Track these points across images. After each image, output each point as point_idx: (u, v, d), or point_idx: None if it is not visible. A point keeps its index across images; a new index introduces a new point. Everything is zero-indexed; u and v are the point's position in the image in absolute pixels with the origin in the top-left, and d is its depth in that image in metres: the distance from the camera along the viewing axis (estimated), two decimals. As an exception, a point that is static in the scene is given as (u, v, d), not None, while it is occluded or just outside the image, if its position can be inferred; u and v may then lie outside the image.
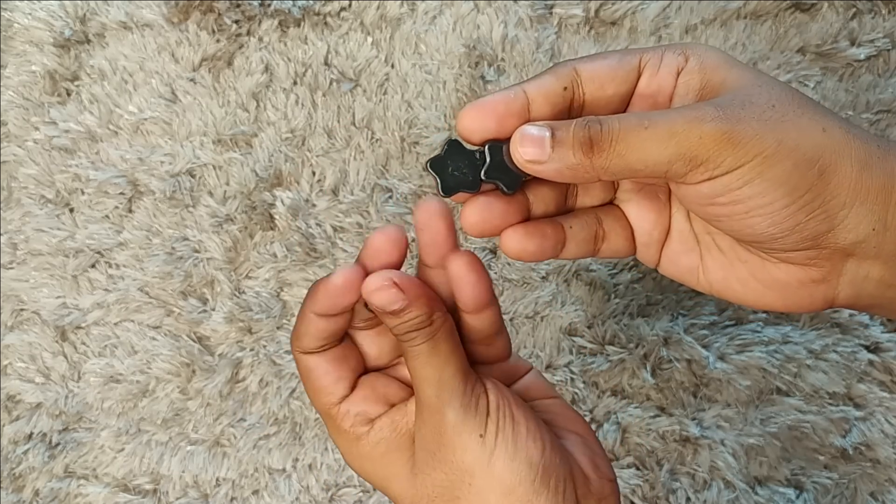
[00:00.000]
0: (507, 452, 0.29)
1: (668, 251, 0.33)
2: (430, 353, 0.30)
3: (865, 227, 0.27)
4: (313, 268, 0.56)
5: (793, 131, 0.27)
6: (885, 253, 0.28)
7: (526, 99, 0.29)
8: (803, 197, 0.27)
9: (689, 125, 0.26)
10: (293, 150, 0.56)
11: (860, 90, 0.55)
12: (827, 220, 0.27)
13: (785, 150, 0.26)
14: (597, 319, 0.55)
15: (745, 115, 0.26)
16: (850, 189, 0.27)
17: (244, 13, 0.57)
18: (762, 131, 0.26)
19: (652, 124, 0.26)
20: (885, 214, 0.27)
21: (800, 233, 0.27)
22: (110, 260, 0.57)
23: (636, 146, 0.27)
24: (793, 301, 0.30)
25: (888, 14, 0.56)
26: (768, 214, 0.27)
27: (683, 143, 0.26)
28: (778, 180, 0.26)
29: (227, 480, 0.55)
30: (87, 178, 0.57)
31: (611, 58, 0.29)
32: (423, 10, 0.57)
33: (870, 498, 0.53)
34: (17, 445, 0.56)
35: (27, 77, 0.58)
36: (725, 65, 0.29)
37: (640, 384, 0.54)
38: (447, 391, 0.30)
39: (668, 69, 0.29)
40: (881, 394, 0.53)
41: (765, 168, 0.26)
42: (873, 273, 0.28)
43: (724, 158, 0.26)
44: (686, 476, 0.53)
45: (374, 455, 0.32)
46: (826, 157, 0.27)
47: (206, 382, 0.55)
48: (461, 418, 0.29)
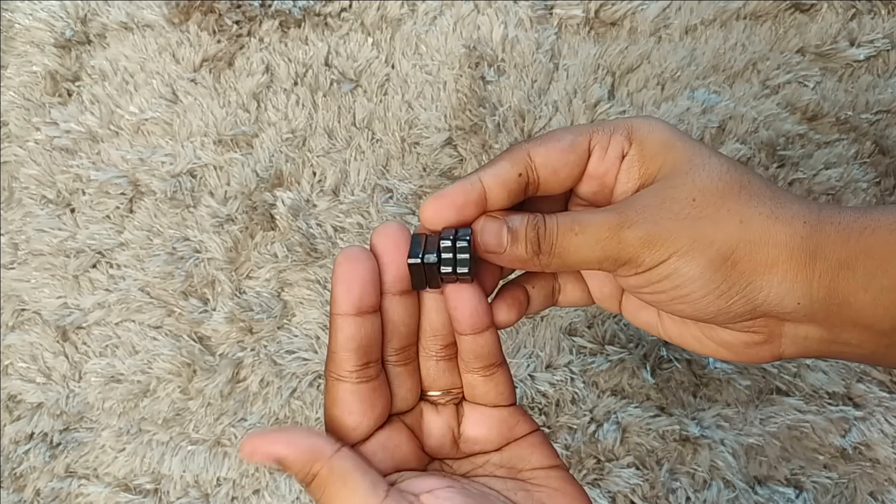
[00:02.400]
0: None
1: (627, 306, 0.36)
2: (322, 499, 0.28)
3: (790, 301, 0.29)
4: (314, 268, 0.56)
5: (708, 227, 0.29)
6: (817, 318, 0.29)
7: (482, 188, 0.31)
8: (719, 287, 0.29)
9: (611, 232, 0.29)
10: (294, 150, 0.56)
11: (860, 90, 0.55)
12: (748, 302, 0.29)
13: (699, 247, 0.29)
14: (597, 319, 0.55)
15: (662, 217, 0.29)
16: (767, 273, 0.29)
17: (245, 14, 0.57)
18: (677, 231, 0.29)
19: (582, 230, 0.30)
20: (810, 289, 0.29)
21: (725, 314, 0.30)
22: (111, 260, 0.57)
23: (571, 249, 0.30)
24: (742, 357, 0.32)
25: (888, 15, 0.56)
26: (690, 302, 0.30)
27: (608, 248, 0.29)
28: (692, 275, 0.29)
29: (228, 480, 0.55)
30: (88, 178, 0.57)
31: (563, 140, 0.32)
32: (424, 10, 0.57)
33: (869, 498, 0.53)
34: (18, 445, 0.56)
35: (28, 77, 0.58)
36: (663, 150, 0.31)
37: (640, 384, 0.54)
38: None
39: (614, 152, 0.32)
40: (881, 394, 0.53)
41: (680, 265, 0.29)
42: (812, 334, 0.30)
43: (644, 258, 0.29)
44: (686, 475, 0.54)
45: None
46: (741, 249, 0.29)
47: (207, 382, 0.55)
48: None
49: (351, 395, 0.30)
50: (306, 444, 0.28)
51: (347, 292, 0.30)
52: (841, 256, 0.28)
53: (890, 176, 0.55)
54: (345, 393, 0.30)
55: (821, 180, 0.55)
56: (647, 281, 0.30)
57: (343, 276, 0.30)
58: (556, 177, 0.32)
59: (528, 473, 0.33)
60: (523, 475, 0.33)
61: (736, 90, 0.56)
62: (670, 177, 0.30)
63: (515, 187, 0.31)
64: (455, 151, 0.56)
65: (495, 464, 0.33)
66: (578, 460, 0.54)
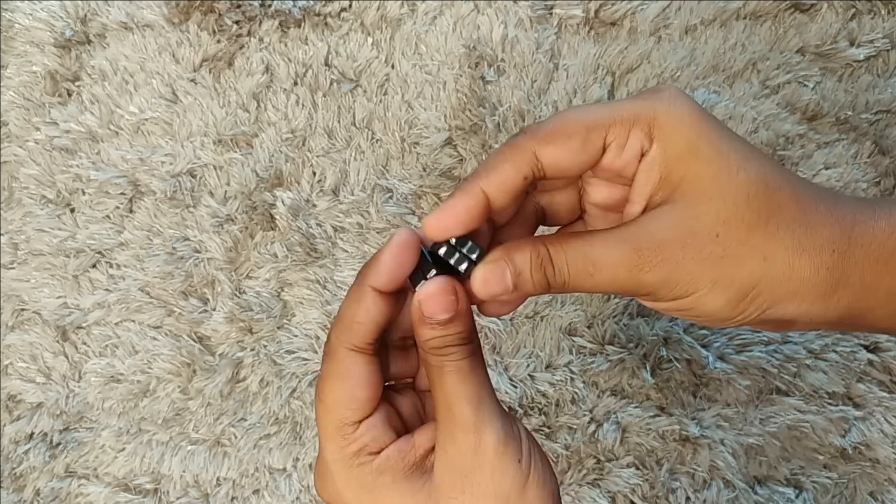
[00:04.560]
0: (538, 482, 0.29)
1: None
2: (470, 369, 0.29)
3: (803, 320, 0.29)
4: (314, 268, 0.56)
5: (730, 266, 0.28)
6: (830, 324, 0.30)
7: (485, 198, 0.29)
8: (737, 318, 0.30)
9: (629, 274, 0.29)
10: (294, 150, 0.56)
11: (859, 90, 0.55)
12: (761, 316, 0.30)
13: (720, 287, 0.29)
14: (596, 319, 0.55)
15: (684, 257, 0.28)
16: (785, 300, 0.29)
17: (245, 14, 0.57)
18: (698, 273, 0.28)
19: (597, 271, 0.29)
20: (825, 312, 0.29)
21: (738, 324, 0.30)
22: (111, 260, 0.57)
23: (585, 287, 0.29)
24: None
25: (887, 15, 0.56)
26: (707, 323, 0.31)
27: (626, 286, 0.29)
28: (711, 310, 0.29)
29: (228, 480, 0.55)
30: (87, 178, 0.57)
31: (574, 138, 0.29)
32: (424, 10, 0.57)
33: (869, 497, 0.53)
34: (18, 445, 0.56)
35: (28, 77, 0.58)
36: (687, 157, 0.29)
37: (640, 384, 0.54)
38: (487, 411, 0.29)
39: (632, 151, 0.30)
40: (880, 393, 0.53)
41: (699, 304, 0.29)
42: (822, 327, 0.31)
43: (664, 295, 0.29)
44: (686, 475, 0.54)
45: (375, 485, 0.30)
46: (762, 285, 0.29)
47: (207, 382, 0.55)
48: (503, 440, 0.29)
49: (368, 367, 0.30)
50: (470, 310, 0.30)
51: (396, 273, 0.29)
52: (866, 280, 0.28)
53: (890, 176, 0.55)
54: (362, 365, 0.30)
55: (821, 180, 0.55)
56: (665, 308, 0.30)
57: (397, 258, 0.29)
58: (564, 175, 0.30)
59: None
60: None
61: (736, 90, 0.56)
62: (693, 200, 0.29)
63: (520, 192, 0.30)
64: (455, 151, 0.56)
65: None
66: (578, 460, 0.54)
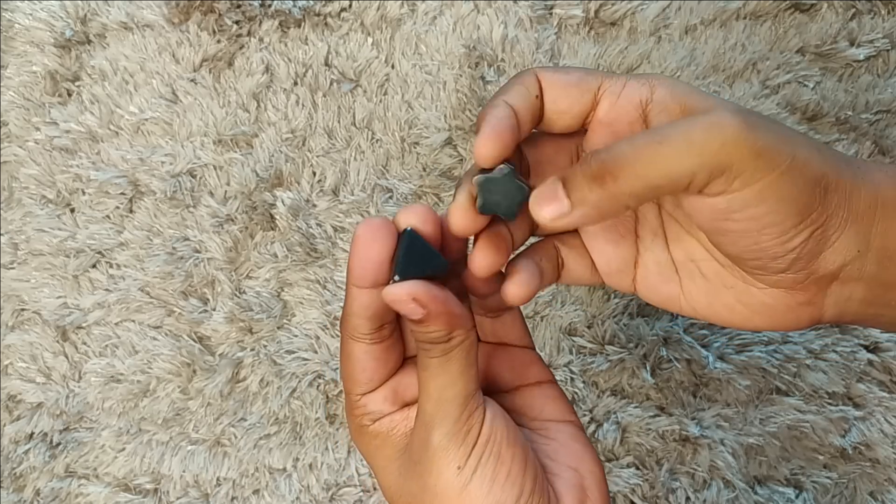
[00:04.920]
0: (482, 491, 0.28)
1: (646, 282, 0.33)
2: (439, 368, 0.29)
3: (852, 248, 0.28)
4: (314, 268, 0.56)
5: (802, 147, 0.27)
6: (866, 275, 0.28)
7: (513, 111, 0.28)
8: (811, 216, 0.27)
9: (707, 133, 0.25)
10: (294, 150, 0.56)
11: (860, 90, 0.55)
12: (823, 240, 0.27)
13: (797, 166, 0.26)
14: (596, 319, 0.55)
15: (760, 123, 0.26)
16: (845, 209, 0.27)
17: (245, 14, 0.57)
18: (778, 144, 0.26)
19: (665, 138, 0.25)
20: (869, 235, 0.28)
21: (799, 251, 0.27)
22: (111, 260, 0.57)
23: (655, 162, 0.25)
24: (779, 322, 0.30)
25: (887, 14, 0.56)
26: (779, 233, 0.27)
27: (705, 152, 0.25)
28: (791, 198, 0.26)
29: (228, 480, 0.55)
30: (87, 178, 0.57)
31: (572, 73, 0.29)
32: (424, 10, 0.57)
33: (869, 497, 0.53)
34: (17, 445, 0.56)
35: (28, 77, 0.58)
36: (696, 93, 0.28)
37: (640, 384, 0.54)
38: (441, 413, 0.29)
39: (628, 99, 0.29)
40: (880, 393, 0.53)
41: (781, 184, 0.26)
42: (856, 294, 0.29)
43: (745, 169, 0.25)
44: (686, 475, 0.54)
45: (369, 446, 0.32)
46: (829, 176, 0.27)
47: (207, 382, 0.55)
48: (444, 445, 0.29)
49: (364, 354, 0.31)
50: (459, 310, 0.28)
51: (363, 268, 0.29)
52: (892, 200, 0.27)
53: (890, 176, 0.55)
54: (359, 352, 0.31)
55: (821, 180, 0.55)
56: (744, 203, 0.26)
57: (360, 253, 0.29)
58: (554, 106, 0.29)
59: (538, 424, 0.33)
60: (534, 424, 0.33)
61: (736, 90, 0.56)
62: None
63: (537, 110, 0.29)
64: (455, 151, 0.56)
65: (506, 406, 0.32)
66: (578, 460, 0.54)
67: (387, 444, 0.32)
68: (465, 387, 0.29)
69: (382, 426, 0.32)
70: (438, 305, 0.28)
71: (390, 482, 0.31)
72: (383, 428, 0.32)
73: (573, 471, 0.31)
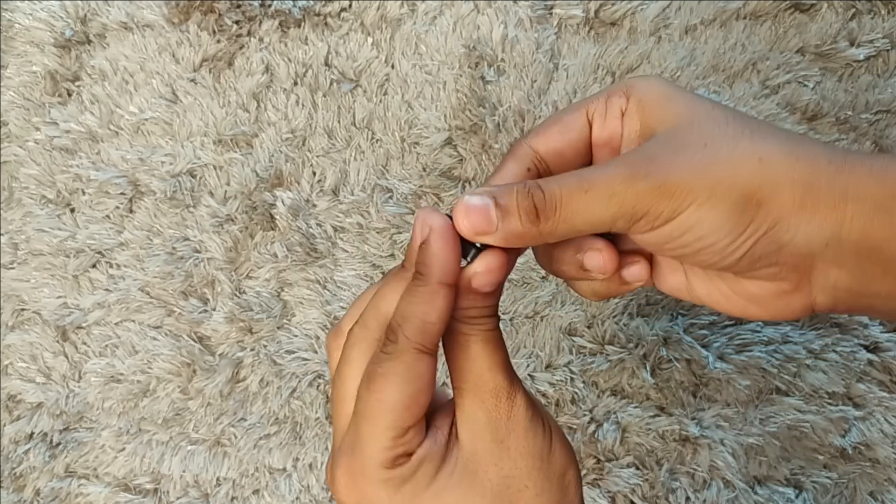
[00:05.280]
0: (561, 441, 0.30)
1: (657, 272, 0.34)
2: (498, 339, 0.30)
3: (818, 242, 0.27)
4: (314, 268, 0.56)
5: (727, 170, 0.27)
6: (846, 263, 0.28)
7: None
8: (745, 231, 0.27)
9: (625, 185, 0.27)
10: (294, 150, 0.56)
11: (859, 90, 0.55)
12: (773, 242, 0.27)
13: (719, 192, 0.27)
14: (596, 319, 0.55)
15: (676, 164, 0.27)
16: (794, 213, 0.27)
17: (245, 14, 0.57)
18: (694, 178, 0.27)
19: (591, 187, 0.27)
20: (840, 230, 0.27)
21: (750, 258, 0.28)
22: (111, 260, 0.57)
23: (579, 210, 0.28)
24: (774, 311, 0.30)
25: (887, 14, 0.56)
26: (716, 252, 0.28)
27: (623, 203, 0.27)
28: (716, 223, 0.27)
29: (228, 480, 0.55)
30: (87, 178, 0.57)
31: (559, 122, 0.31)
32: (423, 10, 0.57)
33: (869, 497, 0.53)
34: (18, 445, 0.56)
35: (28, 77, 0.58)
36: (661, 101, 0.29)
37: (640, 384, 0.54)
38: (517, 379, 0.30)
39: (613, 114, 0.30)
40: (880, 393, 0.53)
41: (702, 213, 0.27)
42: (841, 281, 0.28)
43: (662, 210, 0.27)
44: (685, 475, 0.54)
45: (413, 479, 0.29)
46: (765, 189, 0.27)
47: (207, 382, 0.55)
48: (531, 405, 0.30)
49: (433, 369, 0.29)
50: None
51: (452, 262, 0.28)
52: (876, 198, 0.27)
53: (890, 176, 0.55)
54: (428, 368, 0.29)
55: (821, 180, 0.55)
56: (668, 237, 0.28)
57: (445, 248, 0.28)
58: (562, 159, 0.31)
59: None
60: None
61: (736, 90, 0.56)
62: (674, 129, 0.29)
63: None
64: (455, 151, 0.56)
65: None
66: (578, 460, 0.54)
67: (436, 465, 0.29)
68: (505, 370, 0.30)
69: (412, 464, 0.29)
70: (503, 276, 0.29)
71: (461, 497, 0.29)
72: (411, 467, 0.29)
73: None
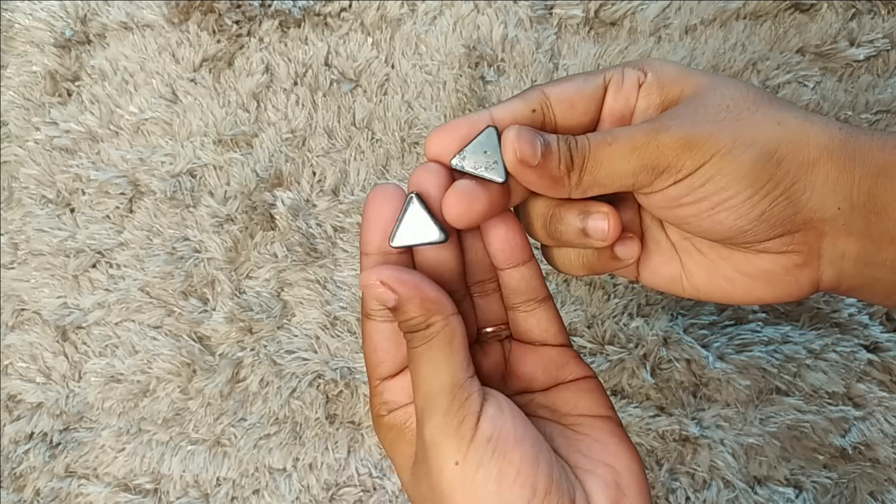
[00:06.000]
0: (488, 490, 0.27)
1: (648, 264, 0.34)
2: (422, 358, 0.28)
3: (830, 206, 0.28)
4: (314, 268, 0.56)
5: (747, 128, 0.28)
6: (855, 230, 0.29)
7: (491, 120, 0.30)
8: (765, 186, 0.28)
9: (647, 137, 0.28)
10: (293, 150, 0.56)
11: (859, 90, 0.55)
12: (790, 204, 0.28)
13: (741, 145, 0.28)
14: (596, 319, 0.55)
15: (699, 120, 0.28)
16: (810, 173, 0.28)
17: (245, 14, 0.57)
18: (717, 131, 0.28)
19: (615, 140, 0.28)
20: (850, 193, 0.28)
21: (767, 221, 0.28)
22: (111, 260, 0.57)
23: (603, 162, 0.28)
24: (781, 289, 0.31)
25: (887, 14, 0.56)
26: (733, 208, 0.28)
27: (645, 155, 0.28)
28: (737, 174, 0.28)
29: (228, 480, 0.55)
30: (87, 178, 0.57)
31: (576, 78, 0.31)
32: (423, 10, 0.57)
33: (869, 497, 0.53)
34: (17, 445, 0.56)
35: (28, 77, 0.58)
36: (680, 76, 0.30)
37: (640, 384, 0.54)
38: (429, 405, 0.28)
39: (630, 83, 0.31)
40: (880, 393, 0.53)
41: (724, 164, 0.28)
42: (849, 251, 0.29)
43: (684, 162, 0.28)
44: (685, 475, 0.54)
45: (385, 438, 0.31)
46: (783, 147, 0.28)
47: (207, 382, 0.55)
48: (437, 439, 0.28)
49: (376, 334, 0.30)
50: (434, 294, 0.28)
51: (374, 231, 0.29)
52: (879, 163, 0.28)
53: (890, 176, 0.55)
54: (371, 331, 0.31)
55: (821, 180, 0.55)
56: (689, 188, 0.28)
57: (371, 215, 0.29)
58: (572, 112, 0.31)
59: (572, 419, 0.32)
60: (567, 420, 0.32)
61: (736, 90, 0.56)
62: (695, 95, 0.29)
63: (529, 123, 0.30)
64: (455, 151, 0.56)
65: (539, 404, 0.32)
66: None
67: (401, 439, 0.31)
68: (452, 376, 0.28)
69: (396, 418, 0.31)
70: (409, 289, 0.28)
71: (406, 481, 0.30)
72: (397, 420, 0.31)
73: (608, 467, 0.30)
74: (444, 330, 0.28)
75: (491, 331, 0.33)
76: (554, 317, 0.33)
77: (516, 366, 0.33)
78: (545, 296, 0.33)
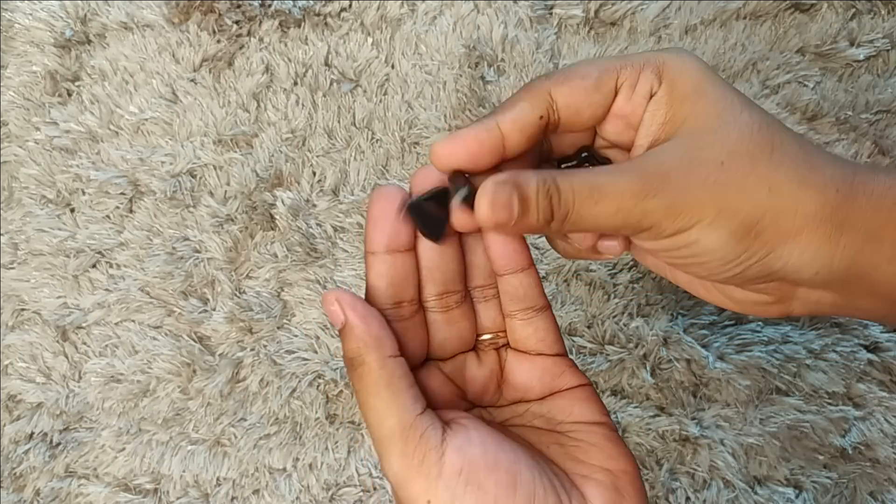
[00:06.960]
0: None
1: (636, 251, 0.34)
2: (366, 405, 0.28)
3: (808, 271, 0.28)
4: (314, 268, 0.56)
5: (735, 195, 0.28)
6: (834, 286, 0.29)
7: (500, 133, 0.29)
8: (740, 257, 0.28)
9: (634, 201, 0.28)
10: (293, 150, 0.56)
11: (859, 90, 0.55)
12: (763, 268, 0.28)
13: (724, 217, 0.28)
14: (596, 319, 0.55)
15: (689, 183, 0.28)
16: (790, 242, 0.28)
17: (245, 14, 0.57)
18: (703, 198, 0.28)
19: (602, 198, 0.28)
20: (830, 261, 0.28)
21: (740, 279, 0.29)
22: (111, 260, 0.57)
23: (588, 217, 0.28)
24: (751, 312, 0.32)
25: (887, 14, 0.56)
26: (707, 269, 0.29)
27: (629, 217, 0.28)
28: (716, 244, 0.28)
29: (228, 480, 0.55)
30: (87, 178, 0.57)
31: (588, 78, 0.30)
32: (424, 10, 0.57)
33: (869, 497, 0.53)
34: (17, 445, 0.56)
35: (28, 77, 0.58)
36: (693, 96, 0.29)
37: (640, 384, 0.54)
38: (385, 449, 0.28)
39: (642, 91, 0.30)
40: (880, 393, 0.53)
41: (704, 234, 0.28)
42: (825, 299, 0.29)
43: (666, 227, 0.28)
44: (686, 475, 0.54)
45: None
46: (766, 219, 0.28)
47: (207, 382, 0.55)
48: (402, 478, 0.27)
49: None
50: (377, 331, 0.28)
51: (379, 229, 0.30)
52: (870, 227, 0.27)
53: (890, 176, 0.55)
54: None
55: (821, 180, 0.55)
56: (665, 247, 0.29)
57: (375, 214, 0.30)
58: (578, 117, 0.30)
59: (567, 426, 0.32)
60: (562, 427, 0.32)
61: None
62: (698, 134, 0.29)
63: (535, 131, 0.30)
64: (455, 151, 0.56)
65: (535, 413, 0.32)
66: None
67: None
68: (399, 419, 0.28)
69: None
70: (355, 317, 0.28)
71: None
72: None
73: (606, 471, 0.30)
74: (379, 372, 0.28)
75: (488, 338, 0.33)
76: (551, 326, 0.33)
77: (512, 375, 0.33)
78: (543, 305, 0.33)
